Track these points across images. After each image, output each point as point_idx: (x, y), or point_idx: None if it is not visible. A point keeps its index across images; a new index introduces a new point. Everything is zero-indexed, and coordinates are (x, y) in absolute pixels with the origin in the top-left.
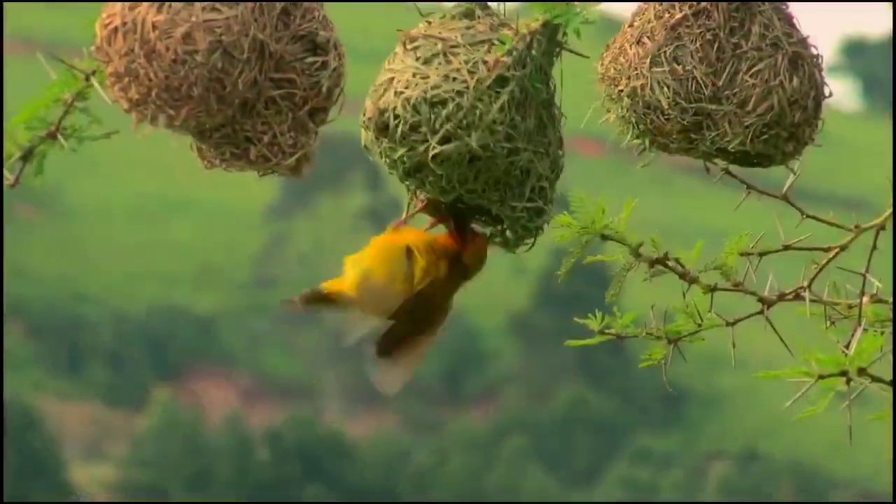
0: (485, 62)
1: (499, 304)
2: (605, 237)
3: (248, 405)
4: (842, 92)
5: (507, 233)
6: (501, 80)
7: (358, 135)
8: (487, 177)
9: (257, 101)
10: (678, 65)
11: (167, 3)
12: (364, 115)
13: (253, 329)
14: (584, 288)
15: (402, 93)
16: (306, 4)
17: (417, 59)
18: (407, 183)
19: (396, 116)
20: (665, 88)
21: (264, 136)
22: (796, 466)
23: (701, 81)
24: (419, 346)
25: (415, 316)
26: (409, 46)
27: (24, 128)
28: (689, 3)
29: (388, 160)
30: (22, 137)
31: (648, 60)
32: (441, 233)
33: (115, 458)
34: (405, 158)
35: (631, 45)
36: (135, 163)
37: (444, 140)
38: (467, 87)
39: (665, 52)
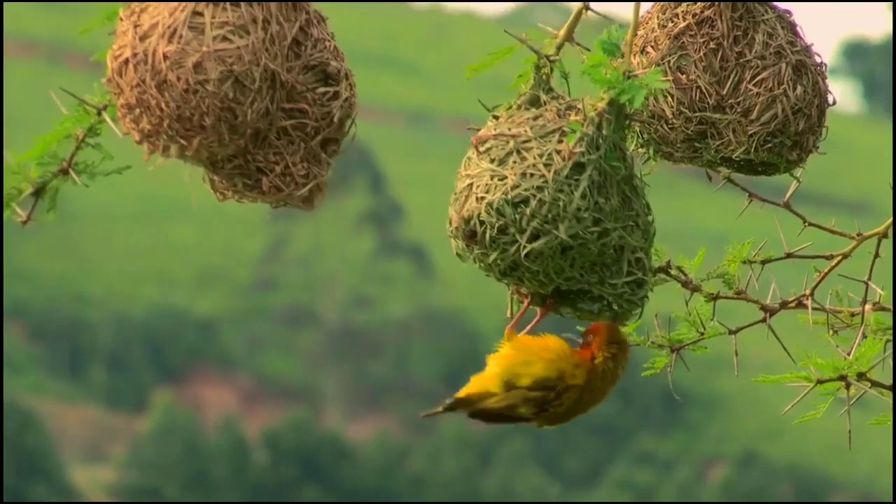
0: (558, 152)
1: (499, 304)
2: None
3: (247, 407)
4: (842, 94)
5: (614, 306)
6: (578, 168)
7: (358, 138)
8: (582, 262)
9: (269, 132)
10: (682, 74)
11: (178, 34)
12: (450, 224)
13: (253, 331)
14: None
15: (483, 198)
16: (317, 35)
17: (492, 160)
18: (505, 282)
19: (482, 223)
20: (669, 98)
21: (276, 167)
22: (796, 469)
23: (705, 90)
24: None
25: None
26: (481, 150)
27: (36, 164)
28: (693, 12)
29: (482, 265)
30: (34, 173)
31: (652, 70)
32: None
33: (114, 460)
34: (499, 261)
35: (635, 55)
36: (136, 165)
37: (534, 237)
38: (546, 182)
39: (669, 61)
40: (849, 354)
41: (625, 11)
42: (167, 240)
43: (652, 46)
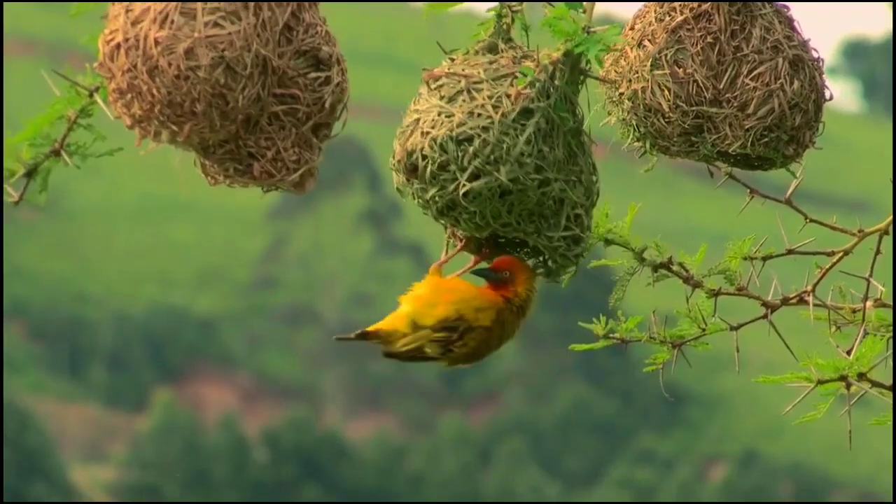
0: (508, 96)
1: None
2: (608, 241)
3: (247, 406)
4: (842, 93)
5: (549, 263)
6: (526, 113)
7: (358, 137)
8: (521, 209)
9: (261, 117)
10: (679, 68)
11: (169, 19)
12: (393, 157)
13: (253, 330)
14: (585, 289)
15: (428, 133)
16: (309, 20)
17: (441, 98)
18: (442, 222)
19: (424, 157)
20: (666, 91)
21: (268, 152)
22: (796, 468)
23: (702, 84)
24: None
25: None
26: (432, 86)
27: (28, 145)
28: (690, 6)
29: (420, 200)
30: (26, 154)
31: (649, 63)
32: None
33: (114, 459)
34: (437, 198)
35: (632, 48)
36: (135, 164)
37: (474, 176)
38: (492, 122)
39: (666, 54)
40: (849, 353)
41: (621, 8)
42: (167, 239)
43: (649, 40)
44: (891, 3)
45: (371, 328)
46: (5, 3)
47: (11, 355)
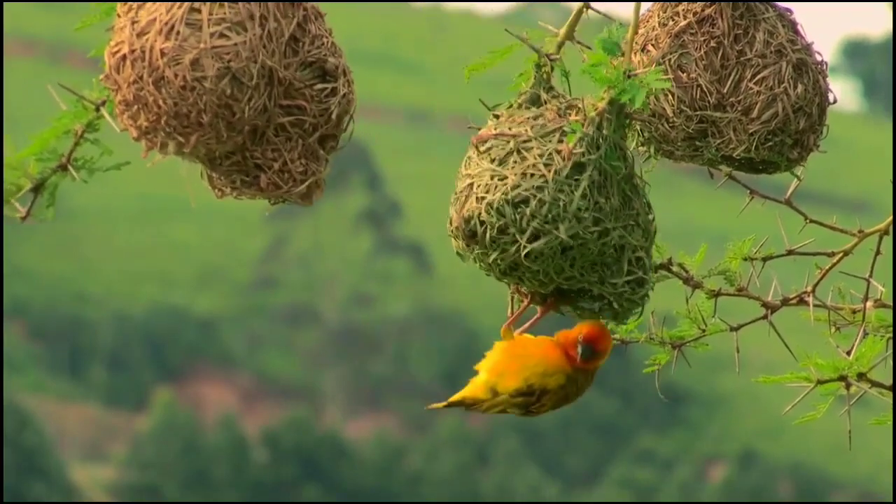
0: (558, 152)
1: (499, 304)
2: None
3: (247, 406)
4: (842, 93)
5: (615, 306)
6: (579, 168)
7: (358, 137)
8: (583, 262)
9: (267, 129)
10: (683, 72)
11: (175, 31)
12: (450, 224)
13: (253, 330)
14: None
15: (483, 198)
16: (315, 31)
17: (492, 160)
18: (506, 281)
19: (482, 223)
20: (669, 96)
21: (275, 164)
22: (796, 468)
23: (705, 89)
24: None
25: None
26: (482, 149)
27: (35, 160)
28: (694, 10)
29: (482, 265)
30: (33, 169)
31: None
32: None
33: (114, 459)
34: (499, 261)
35: (636, 53)
36: (135, 165)
37: (534, 237)
38: (546, 182)
39: (669, 59)
40: (849, 353)
41: (626, 10)
42: (167, 239)
43: (653, 45)
44: (891, 3)
45: (456, 398)
46: (5, 3)
47: (11, 355)
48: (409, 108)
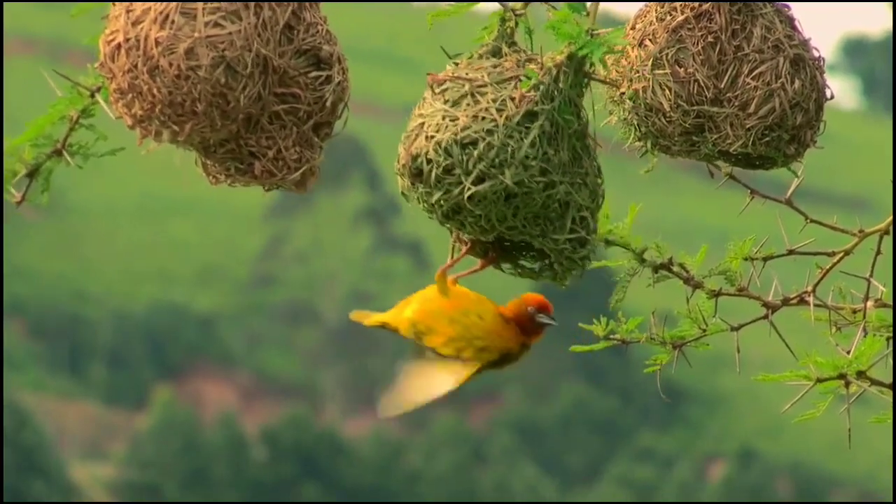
0: (512, 99)
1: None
2: (608, 243)
3: (246, 404)
4: (842, 91)
5: (554, 266)
6: (531, 116)
7: (357, 134)
8: (526, 212)
9: (261, 116)
10: (680, 67)
11: (170, 19)
12: (398, 162)
13: (252, 328)
14: (584, 288)
15: (432, 137)
16: (310, 19)
17: (446, 101)
18: (447, 225)
19: (429, 161)
20: (667, 91)
21: (269, 151)
22: (796, 467)
23: (703, 84)
24: (436, 392)
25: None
26: (436, 90)
27: (30, 145)
28: (691, 5)
29: (425, 205)
30: (28, 155)
31: (650, 63)
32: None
33: (114, 457)
34: (442, 202)
35: (633, 48)
36: (135, 163)
37: (479, 180)
38: (497, 126)
39: (667, 54)
40: (849, 352)
41: (620, 8)
42: (167, 237)
43: (650, 39)
44: (890, 2)
45: (378, 319)
46: (5, 3)
47: (11, 353)
48: (409, 107)
